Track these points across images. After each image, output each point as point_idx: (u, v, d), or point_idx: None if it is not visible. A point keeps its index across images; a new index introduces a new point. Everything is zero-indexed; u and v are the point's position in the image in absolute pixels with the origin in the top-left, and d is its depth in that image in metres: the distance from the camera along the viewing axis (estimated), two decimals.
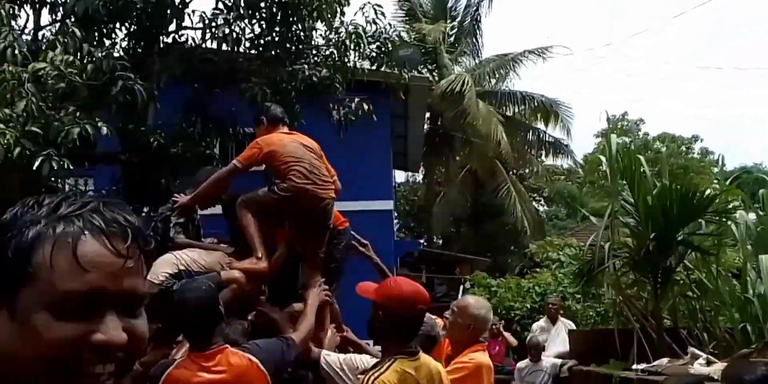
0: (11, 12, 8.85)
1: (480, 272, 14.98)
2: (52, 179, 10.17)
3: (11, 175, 7.14)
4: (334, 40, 8.51)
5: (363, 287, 3.00)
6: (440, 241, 30.37)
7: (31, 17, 9.30)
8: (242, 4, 8.02)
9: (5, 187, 9.17)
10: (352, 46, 8.31)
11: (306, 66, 8.60)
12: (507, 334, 9.37)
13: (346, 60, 8.70)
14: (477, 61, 24.34)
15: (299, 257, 4.36)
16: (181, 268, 3.95)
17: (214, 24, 7.95)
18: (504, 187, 23.21)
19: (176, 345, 3.64)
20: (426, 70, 23.99)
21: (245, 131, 9.00)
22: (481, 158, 22.07)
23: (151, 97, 7.70)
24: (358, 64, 8.95)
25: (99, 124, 6.65)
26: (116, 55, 8.71)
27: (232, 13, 8.01)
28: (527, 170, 27.07)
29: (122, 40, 8.68)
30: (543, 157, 25.28)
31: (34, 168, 6.39)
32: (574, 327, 9.00)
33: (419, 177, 28.47)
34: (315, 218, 4.21)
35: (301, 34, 8.70)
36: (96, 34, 8.16)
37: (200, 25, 8.06)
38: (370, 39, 8.64)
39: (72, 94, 6.87)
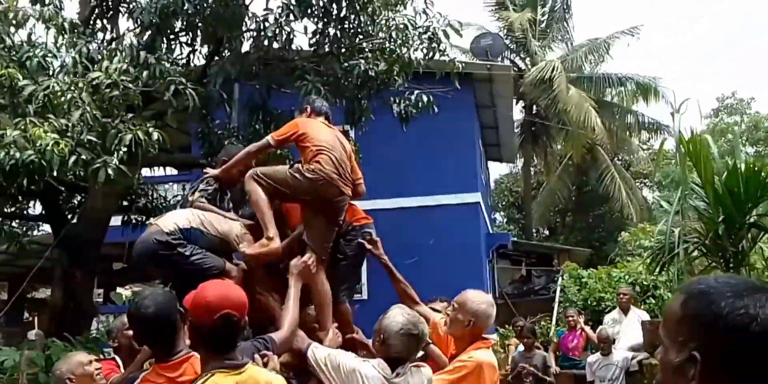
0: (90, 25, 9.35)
1: (571, 263, 14.35)
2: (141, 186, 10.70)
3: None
4: (388, 34, 8.30)
5: (187, 296, 2.69)
6: (546, 232, 29.59)
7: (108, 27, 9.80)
8: (293, 3, 7.98)
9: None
10: (401, 39, 8.06)
11: (363, 61, 8.46)
12: (587, 328, 8.87)
13: (404, 52, 8.45)
14: (569, 47, 23.44)
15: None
16: (194, 225, 3.91)
17: (268, 24, 7.93)
18: (607, 174, 22.28)
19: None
20: (518, 58, 23.44)
21: None
22: (579, 145, 21.23)
23: (206, 99, 7.85)
24: (417, 57, 8.64)
25: (150, 129, 6.78)
26: (182, 61, 9.06)
27: (285, 12, 7.98)
28: (632, 156, 25.84)
29: (188, 45, 8.93)
30: (646, 141, 24.02)
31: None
32: (647, 317, 8.41)
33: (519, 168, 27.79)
34: (328, 210, 4.07)
35: (357, 29, 8.57)
36: (164, 40, 8.41)
37: (253, 26, 8.09)
38: (419, 30, 8.36)
39: (126, 101, 7.07)
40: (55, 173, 6.49)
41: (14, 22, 7.88)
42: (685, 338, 1.18)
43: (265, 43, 7.99)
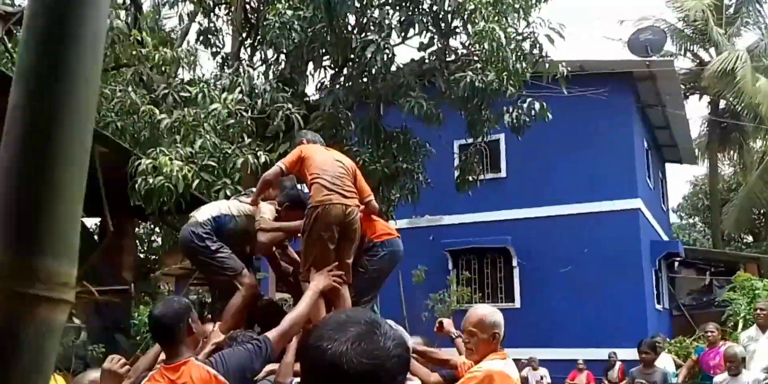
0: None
1: (744, 273, 13.06)
2: None
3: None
4: (492, 45, 8.31)
5: None
6: (749, 237, 26.95)
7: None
8: (395, 23, 8.32)
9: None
10: (506, 50, 8.04)
11: (471, 72, 8.56)
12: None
13: (511, 62, 8.41)
14: (765, 31, 21.24)
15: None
16: (223, 211, 4.37)
17: (372, 46, 8.32)
18: None
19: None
20: (701, 49, 21.76)
21: (420, 141, 9.34)
22: None
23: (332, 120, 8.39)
24: (524, 65, 8.54)
25: (259, 153, 7.45)
26: (310, 89, 9.79)
27: (387, 32, 8.34)
28: None
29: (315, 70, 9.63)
30: None
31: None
32: None
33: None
34: (342, 226, 4.28)
35: (462, 42, 8.71)
36: (297, 66, 9.17)
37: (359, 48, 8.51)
38: (521, 37, 8.28)
39: (242, 128, 7.82)
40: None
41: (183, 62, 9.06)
42: None
43: (374, 63, 8.37)
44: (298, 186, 5.12)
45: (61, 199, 0.74)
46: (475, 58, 8.76)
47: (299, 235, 4.42)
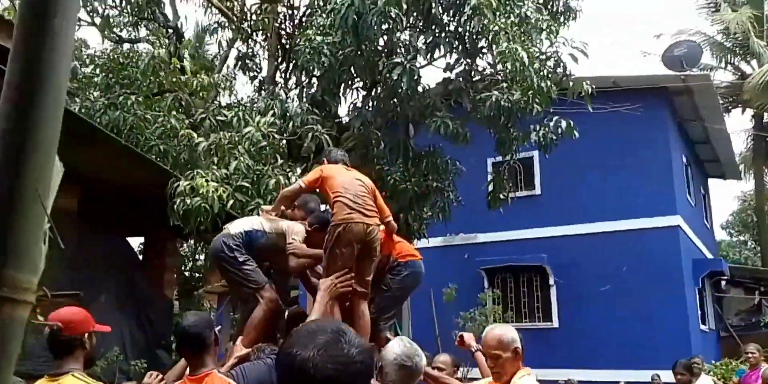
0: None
1: None
2: None
3: None
4: (515, 66, 8.48)
5: None
6: None
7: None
8: (421, 45, 8.56)
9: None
10: (530, 70, 8.19)
11: (497, 92, 8.74)
12: None
13: (536, 81, 8.55)
14: None
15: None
16: (255, 227, 4.55)
17: (398, 67, 8.57)
18: None
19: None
20: (743, 62, 21.46)
21: (450, 160, 9.59)
22: None
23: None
24: (549, 83, 8.67)
25: (290, 173, 7.75)
26: (343, 110, 10.09)
27: (413, 54, 8.60)
28: None
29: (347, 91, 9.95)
30: None
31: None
32: None
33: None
34: (363, 245, 4.44)
35: (487, 62, 8.91)
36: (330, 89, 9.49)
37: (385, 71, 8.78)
38: (545, 56, 8.43)
39: (274, 150, 8.14)
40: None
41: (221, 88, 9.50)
42: None
43: (400, 84, 8.62)
44: (322, 206, 5.37)
45: (26, 222, 0.97)
46: (501, 78, 8.93)
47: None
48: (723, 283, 16.68)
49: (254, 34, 11.69)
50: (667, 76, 14.81)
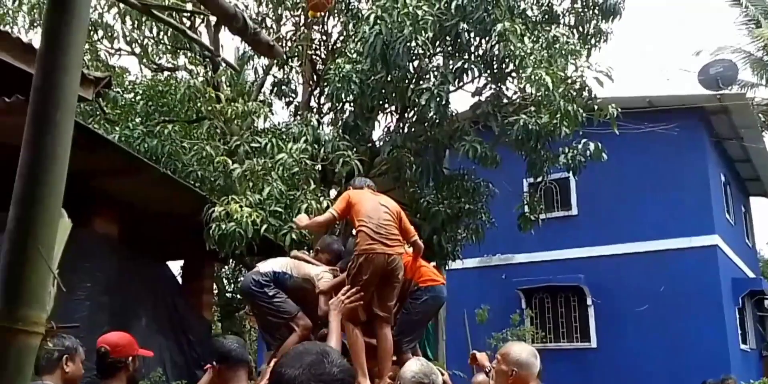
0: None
1: None
2: None
3: None
4: (540, 90, 8.58)
5: None
6: None
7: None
8: (449, 70, 8.75)
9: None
10: (557, 93, 8.30)
11: (524, 115, 8.86)
12: None
13: (563, 105, 8.64)
14: None
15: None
16: (284, 269, 4.85)
17: (426, 93, 8.77)
18: None
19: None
20: None
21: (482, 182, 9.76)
22: None
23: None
24: (576, 106, 8.74)
25: (321, 198, 7.96)
26: (377, 134, 10.33)
27: (441, 80, 8.78)
28: None
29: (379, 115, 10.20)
30: None
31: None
32: None
33: None
34: (383, 274, 4.62)
35: (516, 87, 9.05)
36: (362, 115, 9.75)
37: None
38: (570, 80, 8.53)
39: (306, 175, 8.37)
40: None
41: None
42: None
43: (428, 109, 8.80)
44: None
45: (34, 273, 1.18)
46: (528, 102, 9.05)
47: None
48: (766, 302, 16.37)
49: (290, 60, 12.03)
50: (703, 95, 14.71)
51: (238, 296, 15.83)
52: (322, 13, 9.55)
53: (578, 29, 10.74)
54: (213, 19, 11.42)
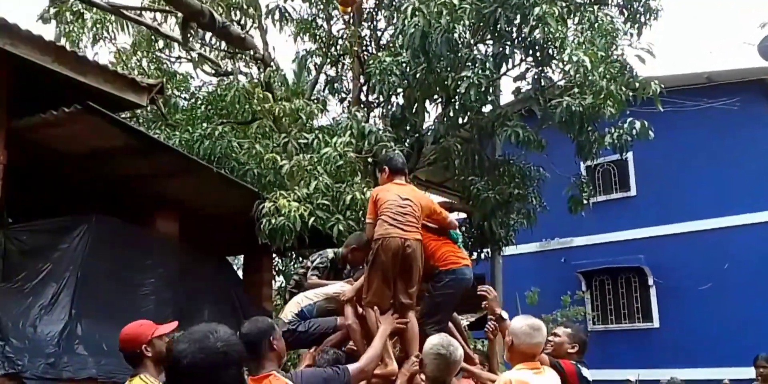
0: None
1: None
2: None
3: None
4: (580, 71, 8.54)
5: None
6: None
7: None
8: (491, 56, 8.81)
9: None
10: (598, 74, 8.26)
11: (568, 98, 8.84)
12: None
13: (608, 85, 8.58)
14: None
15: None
16: (302, 304, 5.07)
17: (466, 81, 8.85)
18: None
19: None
20: None
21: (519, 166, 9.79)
22: None
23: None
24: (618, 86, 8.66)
25: (365, 189, 8.16)
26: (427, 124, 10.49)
27: (480, 67, 8.86)
28: None
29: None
30: None
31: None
32: None
33: None
34: (402, 258, 4.78)
35: (559, 69, 9.04)
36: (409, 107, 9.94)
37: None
38: (611, 59, 8.45)
39: (352, 168, 8.60)
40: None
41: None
42: None
43: (469, 97, 8.89)
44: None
45: None
46: (571, 84, 9.02)
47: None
48: None
49: (341, 57, 12.28)
50: (763, 68, 14.20)
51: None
52: (352, 10, 9.74)
53: (627, 8, 10.60)
54: (265, 23, 11.83)
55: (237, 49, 10.54)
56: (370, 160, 9.45)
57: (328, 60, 12.41)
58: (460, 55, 9.04)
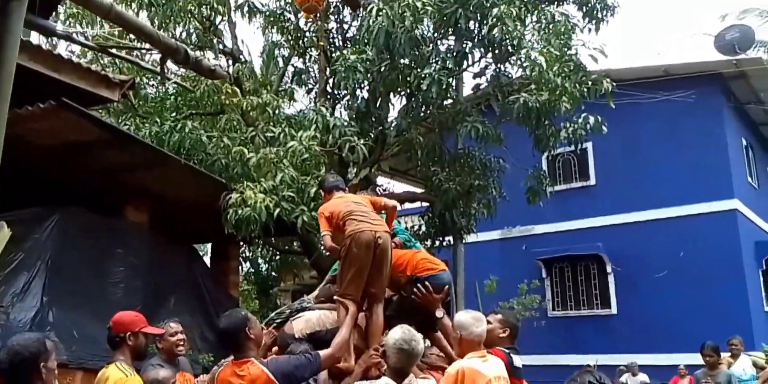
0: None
1: None
2: None
3: None
4: (535, 69, 8.90)
5: None
6: None
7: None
8: (452, 54, 9.15)
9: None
10: (553, 72, 8.63)
11: (525, 94, 9.23)
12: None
13: (562, 82, 8.95)
14: None
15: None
16: (317, 328, 4.99)
17: (427, 79, 9.18)
18: None
19: None
20: None
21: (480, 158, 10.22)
22: None
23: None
24: (572, 83, 9.06)
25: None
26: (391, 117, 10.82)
27: (441, 65, 9.20)
28: None
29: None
30: None
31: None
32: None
33: None
34: (374, 250, 4.99)
35: (517, 67, 9.41)
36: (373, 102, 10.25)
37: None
38: (565, 58, 8.84)
39: (316, 161, 8.92)
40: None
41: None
42: None
43: (430, 94, 9.23)
44: None
45: None
46: (528, 81, 9.40)
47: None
48: None
49: (308, 49, 12.53)
50: (719, 61, 14.71)
51: (273, 274, 16.54)
52: (316, 15, 10.00)
53: (585, 4, 10.95)
54: (234, 16, 12.03)
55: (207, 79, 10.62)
56: (335, 152, 9.79)
57: (296, 52, 12.64)
58: (422, 51, 9.36)
